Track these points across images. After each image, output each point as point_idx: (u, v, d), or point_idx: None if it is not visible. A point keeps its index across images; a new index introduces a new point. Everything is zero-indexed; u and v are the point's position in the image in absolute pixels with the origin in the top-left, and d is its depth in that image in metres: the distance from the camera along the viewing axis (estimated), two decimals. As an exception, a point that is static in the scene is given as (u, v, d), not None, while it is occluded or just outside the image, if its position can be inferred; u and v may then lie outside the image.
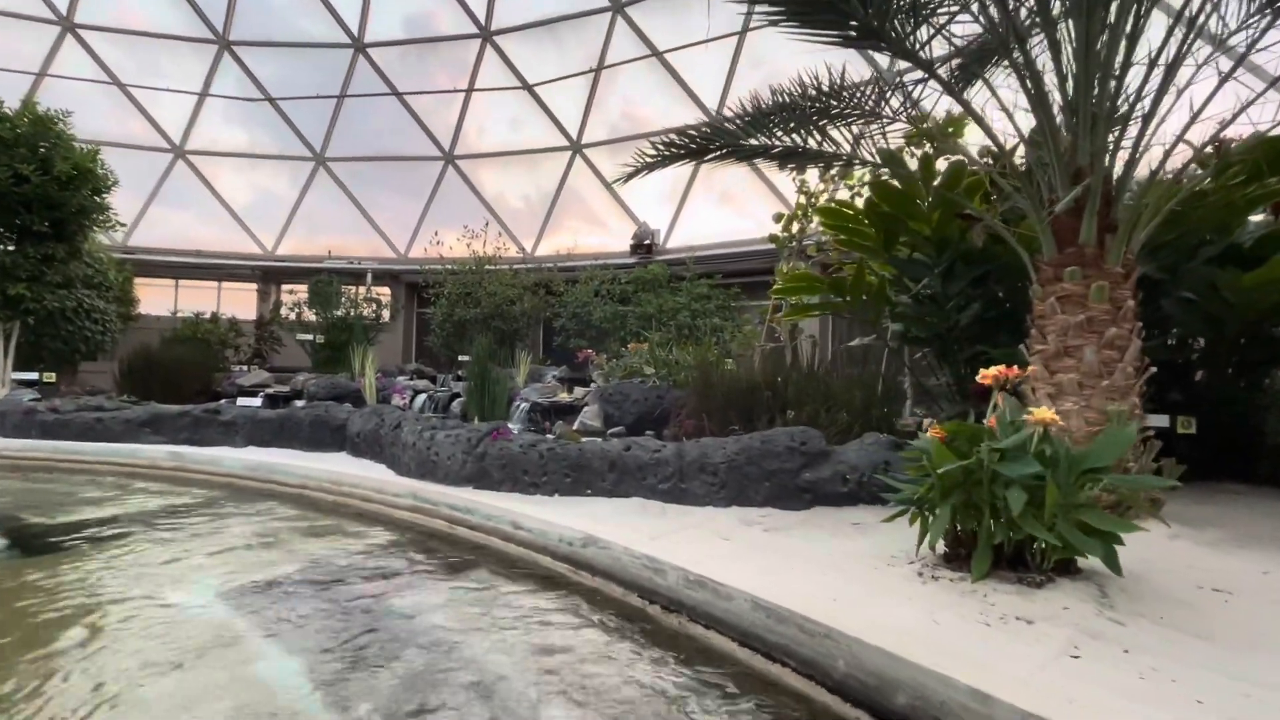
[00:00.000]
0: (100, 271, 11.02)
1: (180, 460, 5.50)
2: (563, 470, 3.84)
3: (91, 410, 6.38)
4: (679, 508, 3.57)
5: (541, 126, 14.76)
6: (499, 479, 3.94)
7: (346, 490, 4.49)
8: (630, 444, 3.84)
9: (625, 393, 5.96)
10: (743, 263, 12.27)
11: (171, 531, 3.59)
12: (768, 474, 3.55)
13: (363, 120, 16.05)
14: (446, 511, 3.76)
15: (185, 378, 9.04)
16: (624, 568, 2.62)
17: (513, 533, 3.29)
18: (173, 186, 15.40)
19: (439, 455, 4.17)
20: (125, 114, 14.67)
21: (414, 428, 4.74)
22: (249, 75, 14.70)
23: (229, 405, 6.55)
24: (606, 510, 3.49)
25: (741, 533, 3.11)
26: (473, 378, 7.45)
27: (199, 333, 11.89)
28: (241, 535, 3.54)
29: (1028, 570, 2.30)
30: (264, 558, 3.13)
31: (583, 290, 11.50)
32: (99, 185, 8.66)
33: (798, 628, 1.91)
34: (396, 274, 15.70)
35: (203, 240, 15.83)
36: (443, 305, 12.20)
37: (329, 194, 15.98)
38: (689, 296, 9.97)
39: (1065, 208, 3.09)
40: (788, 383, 5.11)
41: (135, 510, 4.10)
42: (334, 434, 6.11)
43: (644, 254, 13.09)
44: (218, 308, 14.29)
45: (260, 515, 4.05)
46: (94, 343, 10.72)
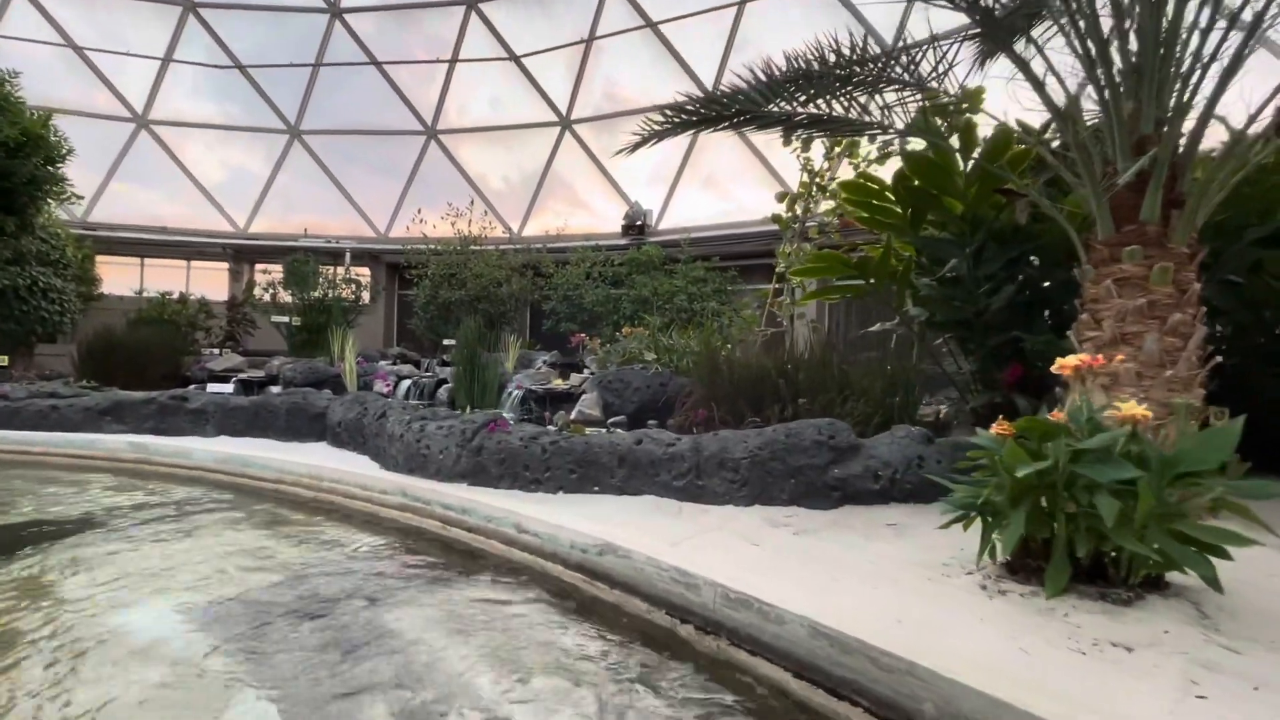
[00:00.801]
0: (57, 248, 10.39)
1: (144, 452, 5.09)
2: (567, 466, 3.53)
3: (45, 397, 5.92)
4: (696, 507, 3.29)
5: (529, 101, 14.24)
6: (497, 475, 3.63)
7: (328, 486, 4.15)
8: (642, 437, 3.55)
9: (626, 380, 5.66)
10: (738, 245, 11.98)
11: (129, 536, 3.23)
12: (793, 470, 3.28)
13: (340, 92, 15.37)
14: (440, 511, 3.45)
15: (151, 362, 8.54)
16: (649, 580, 2.34)
17: (516, 536, 2.99)
18: (137, 159, 14.62)
19: (430, 448, 3.84)
20: (83, 82, 13.85)
21: (401, 417, 4.40)
22: (217, 41, 13.93)
23: (198, 392, 6.13)
24: (617, 510, 3.20)
25: (770, 536, 2.84)
26: (460, 363, 7.08)
27: (166, 313, 11.31)
28: (209, 539, 3.19)
29: (1109, 585, 2.05)
30: (235, 567, 2.79)
31: (573, 272, 11.12)
32: (51, 153, 8.06)
33: (870, 661, 1.64)
34: (376, 254, 15.14)
35: (170, 217, 15.11)
36: (426, 287, 11.75)
37: (304, 169, 15.32)
38: (685, 279, 9.65)
39: (1128, 180, 2.82)
40: (799, 370, 4.86)
41: (89, 510, 3.72)
42: (313, 423, 5.74)
43: (636, 235, 12.72)
44: (187, 288, 13.66)
45: (232, 515, 3.70)
46: (51, 324, 10.13)
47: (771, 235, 11.99)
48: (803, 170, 7.91)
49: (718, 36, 12.19)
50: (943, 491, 3.48)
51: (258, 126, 15.02)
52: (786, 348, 7.89)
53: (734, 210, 12.90)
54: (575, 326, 10.81)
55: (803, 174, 7.90)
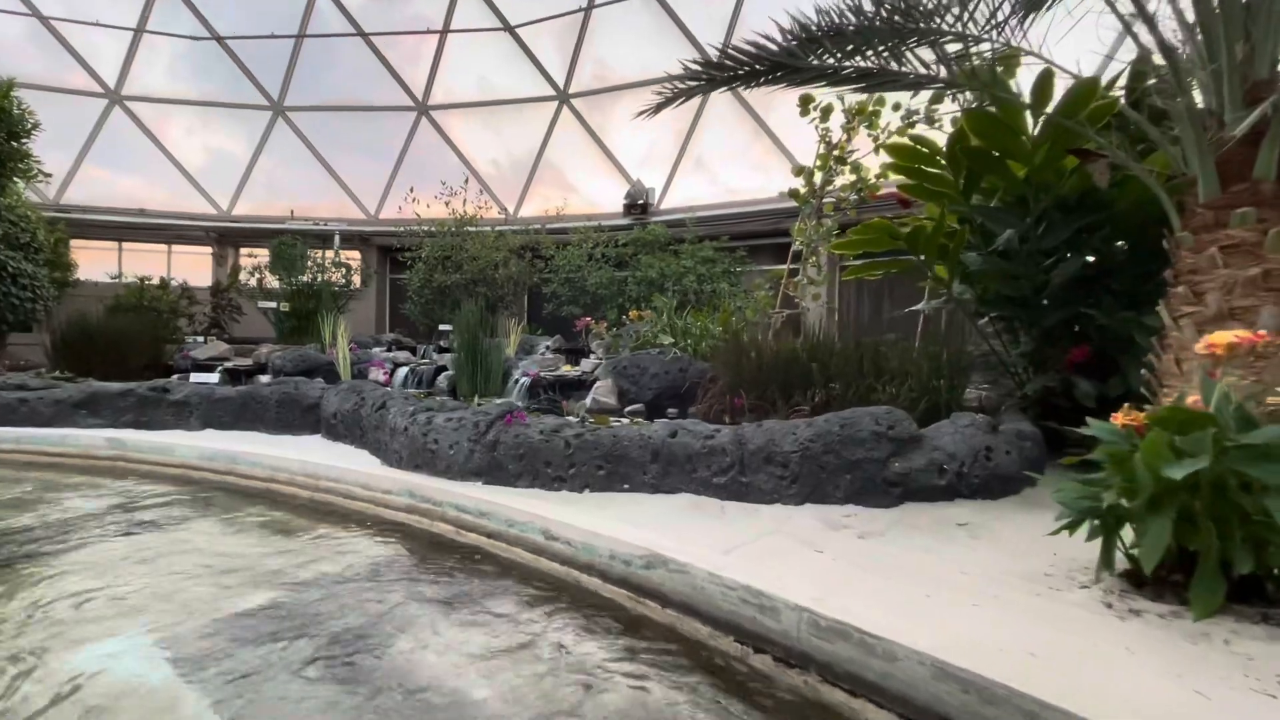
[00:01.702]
0: (27, 230, 9.86)
1: (121, 448, 4.71)
2: (594, 461, 3.19)
3: (12, 389, 5.50)
4: (740, 506, 2.97)
5: (524, 75, 13.69)
6: (515, 472, 3.28)
7: (325, 485, 3.79)
8: (677, 429, 3.21)
9: (642, 365, 5.31)
10: (744, 224, 11.58)
11: (100, 547, 2.87)
12: (849, 464, 2.95)
13: (325, 67, 14.75)
14: (453, 514, 3.10)
15: (130, 351, 8.09)
16: (711, 600, 2.01)
17: (544, 544, 2.65)
18: (111, 138, 13.99)
19: (439, 443, 3.49)
20: (50, 56, 13.17)
21: (404, 409, 4.04)
22: (194, 12, 13.26)
23: (181, 382, 5.73)
24: (653, 511, 2.88)
25: (832, 540, 2.53)
26: (461, 349, 6.71)
27: (145, 299, 10.82)
28: (191, 550, 2.84)
29: (1269, 604, 1.74)
30: (218, 586, 2.44)
31: (575, 253, 10.70)
32: (14, 127, 7.54)
33: (1026, 716, 1.31)
34: (367, 236, 14.63)
35: (149, 199, 14.52)
36: (420, 270, 11.30)
37: (290, 148, 14.73)
38: (694, 260, 9.27)
39: (1241, 132, 2.47)
40: (832, 353, 4.53)
41: (58, 517, 3.35)
42: (305, 414, 5.37)
43: (638, 215, 12.29)
44: (168, 272, 13.13)
45: (218, 520, 3.34)
46: (23, 311, 9.64)
47: (780, 214, 11.61)
48: (820, 142, 7.53)
49: (723, 3, 11.70)
50: (1014, 487, 3.19)
51: (239, 103, 14.40)
52: (805, 330, 7.56)
53: (738, 189, 12.50)
54: (578, 310, 10.42)
55: (820, 145, 7.51)
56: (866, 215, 8.31)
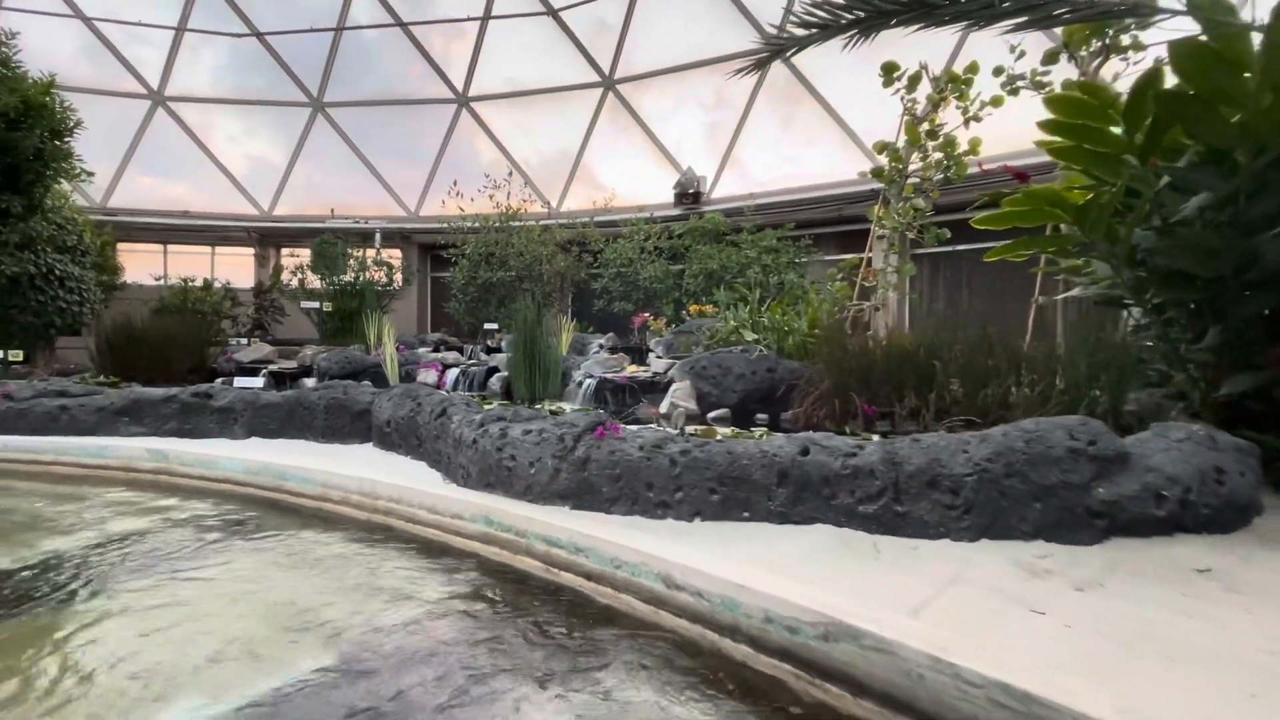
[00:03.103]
0: (74, 233, 9.85)
1: (163, 460, 4.39)
2: (706, 484, 2.66)
3: (54, 396, 5.26)
4: (897, 543, 2.40)
5: (567, 61, 13.25)
6: (609, 496, 2.77)
7: (384, 505, 3.35)
8: (808, 444, 2.65)
9: (725, 365, 4.76)
10: (806, 211, 10.90)
11: (136, 585, 2.46)
12: (1039, 490, 2.36)
13: (364, 61, 14.59)
14: (540, 547, 2.61)
15: (174, 353, 7.92)
16: (939, 698, 1.45)
17: (666, 594, 2.13)
18: (155, 140, 14.08)
19: (517, 459, 3.00)
20: (94, 59, 13.29)
21: (468, 417, 3.58)
22: (233, 7, 13.22)
23: (224, 387, 5.42)
24: (789, 549, 2.34)
25: (1042, 593, 1.95)
26: (517, 348, 6.27)
27: (189, 301, 10.75)
28: (238, 591, 2.41)
29: None
30: (271, 642, 1.99)
31: (626, 246, 10.20)
32: (56, 125, 7.41)
33: None
34: (408, 234, 14.42)
35: (192, 201, 14.59)
36: (464, 267, 10.96)
37: (329, 146, 14.62)
38: (757, 249, 8.66)
39: None
40: (953, 348, 3.93)
41: (93, 541, 2.98)
42: (355, 421, 4.99)
43: (690, 204, 11.72)
44: (211, 274, 13.12)
45: (267, 548, 2.93)
46: (71, 315, 9.63)
47: (844, 199, 10.90)
48: (905, 113, 6.85)
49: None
50: (1245, 517, 2.55)
51: (279, 100, 14.33)
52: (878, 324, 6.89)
53: (796, 175, 11.81)
54: (630, 306, 9.94)
55: (905, 117, 6.83)
56: (949, 196, 7.60)
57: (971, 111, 6.80)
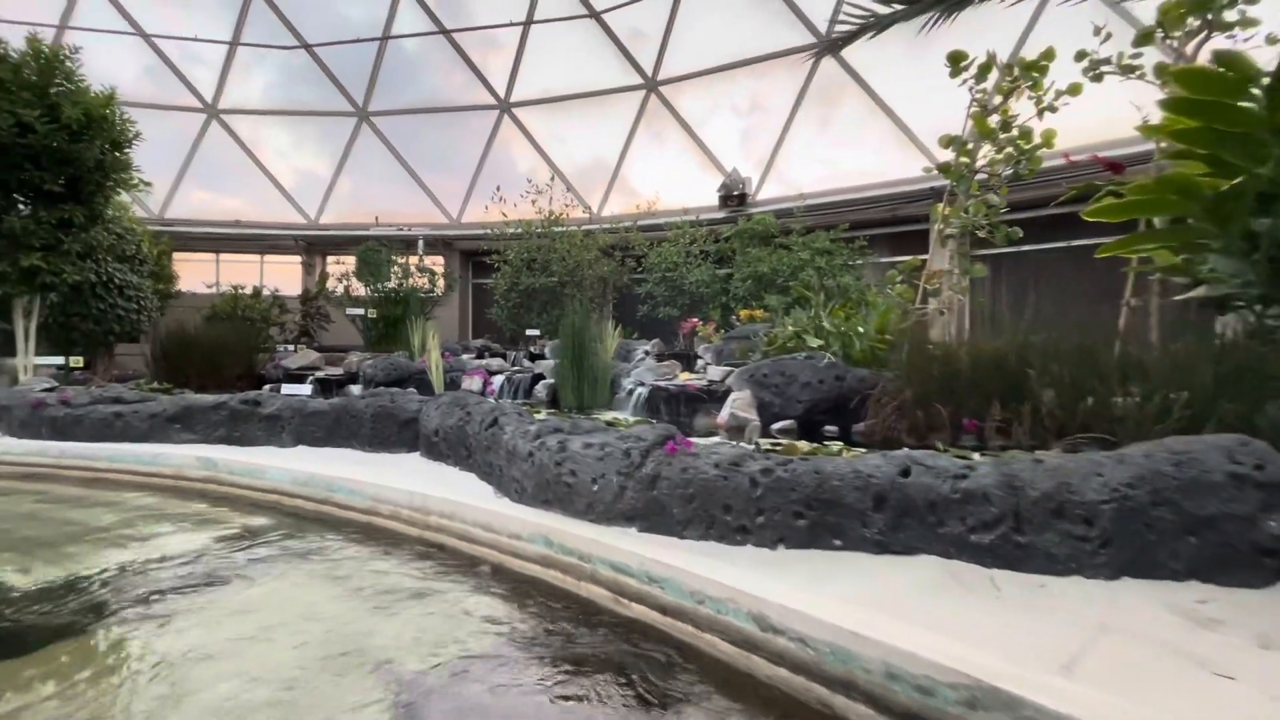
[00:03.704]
0: (133, 243, 10.16)
1: (213, 469, 4.33)
2: (791, 507, 2.40)
3: (109, 403, 5.31)
4: (1019, 579, 2.09)
5: (609, 65, 13.14)
6: (682, 518, 2.53)
7: (436, 522, 3.18)
8: (908, 464, 2.36)
9: (788, 373, 4.48)
10: (859, 212, 10.49)
11: (184, 607, 2.33)
12: (1193, 523, 2.02)
13: (406, 69, 14.79)
14: (607, 574, 2.38)
15: (225, 360, 8.03)
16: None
17: (758, 637, 1.88)
18: (208, 152, 14.53)
19: (578, 475, 2.79)
20: (154, 76, 13.80)
21: (522, 428, 3.39)
22: (281, 19, 13.55)
23: (272, 395, 5.39)
24: (892, 584, 2.06)
25: (1213, 646, 1.65)
26: (564, 355, 6.10)
27: (239, 308, 10.96)
28: (288, 620, 2.25)
29: None
30: (319, 682, 1.80)
31: (670, 250, 9.98)
32: (116, 136, 7.59)
33: None
34: (449, 241, 14.51)
35: (243, 211, 15.00)
36: (506, 273, 10.90)
37: (373, 154, 14.84)
38: (809, 251, 8.33)
39: None
40: (1049, 355, 3.59)
41: (145, 558, 2.89)
42: (402, 430, 4.88)
43: (736, 206, 11.44)
44: (260, 281, 13.42)
45: (316, 567, 2.78)
46: (129, 322, 9.91)
47: (898, 198, 10.46)
48: (974, 104, 6.44)
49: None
50: None
51: (326, 110, 14.63)
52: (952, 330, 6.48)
53: (847, 174, 11.41)
54: (675, 311, 9.70)
55: (973, 108, 6.43)
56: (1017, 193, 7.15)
57: (1046, 101, 6.36)
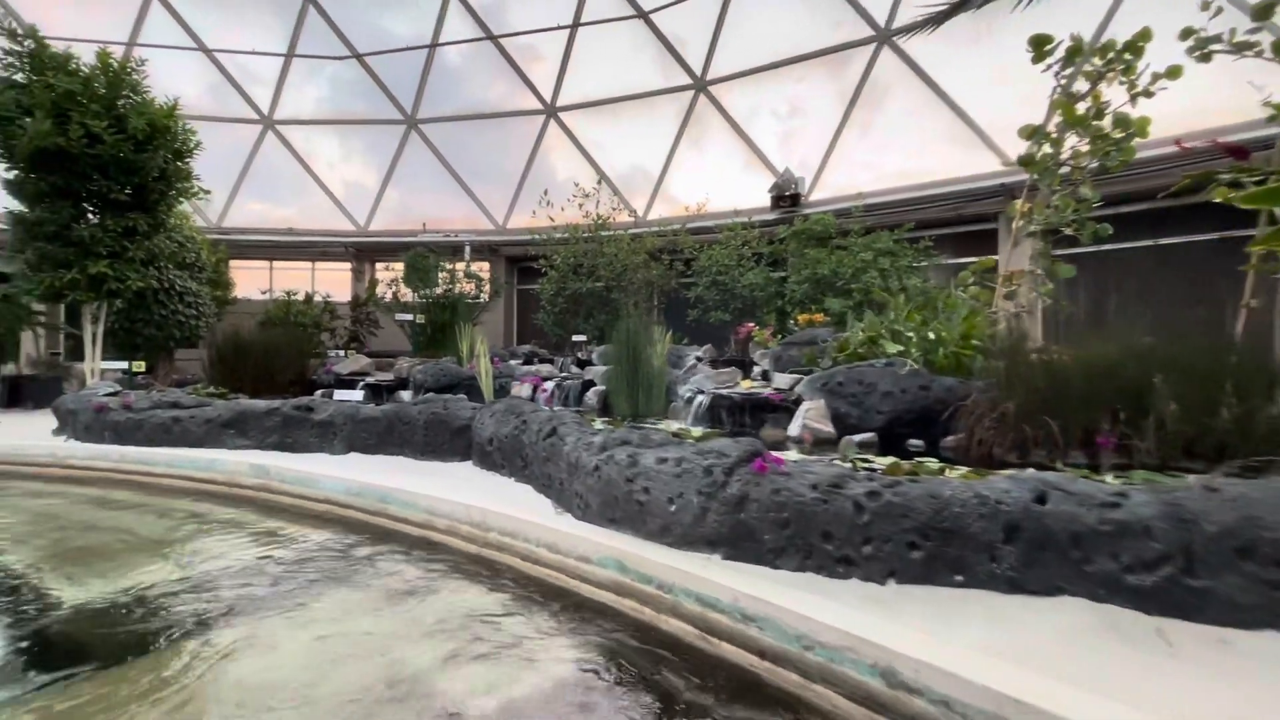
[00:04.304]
0: (193, 251, 10.46)
1: (265, 477, 4.27)
2: (904, 536, 2.10)
3: (167, 408, 5.34)
4: (1191, 630, 1.76)
5: (658, 66, 12.99)
6: (773, 545, 2.26)
7: (495, 539, 2.99)
8: (1044, 489, 2.04)
9: (867, 381, 4.15)
10: (923, 211, 10.01)
11: (239, 630, 2.18)
12: None
13: (452, 77, 14.96)
14: (692, 608, 2.13)
15: (278, 365, 8.10)
16: None
17: (889, 696, 1.60)
18: (263, 162, 14.97)
19: (651, 493, 2.55)
20: (214, 91, 14.30)
21: (584, 438, 3.18)
22: (334, 29, 13.86)
23: (324, 401, 5.34)
24: (1038, 633, 1.75)
25: None
26: (618, 361, 5.89)
27: (292, 314, 11.16)
28: (343, 655, 2.07)
29: None
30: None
31: (721, 253, 9.69)
32: (179, 146, 7.78)
33: None
34: (495, 247, 14.55)
35: (296, 219, 15.39)
36: (553, 278, 10.80)
37: (421, 161, 15.03)
38: (872, 252, 7.93)
39: None
40: (1171, 363, 3.21)
41: (202, 573, 2.78)
42: (455, 438, 4.74)
43: (788, 207, 11.08)
44: (311, 288, 13.70)
45: (375, 585, 2.61)
46: (189, 327, 10.18)
47: (963, 196, 9.93)
48: (1059, 91, 5.99)
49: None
50: None
51: (376, 119, 14.89)
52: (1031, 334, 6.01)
53: (907, 172, 10.92)
54: (726, 316, 9.40)
55: (1059, 96, 5.97)
56: (1104, 187, 6.62)
57: (1140, 86, 5.86)
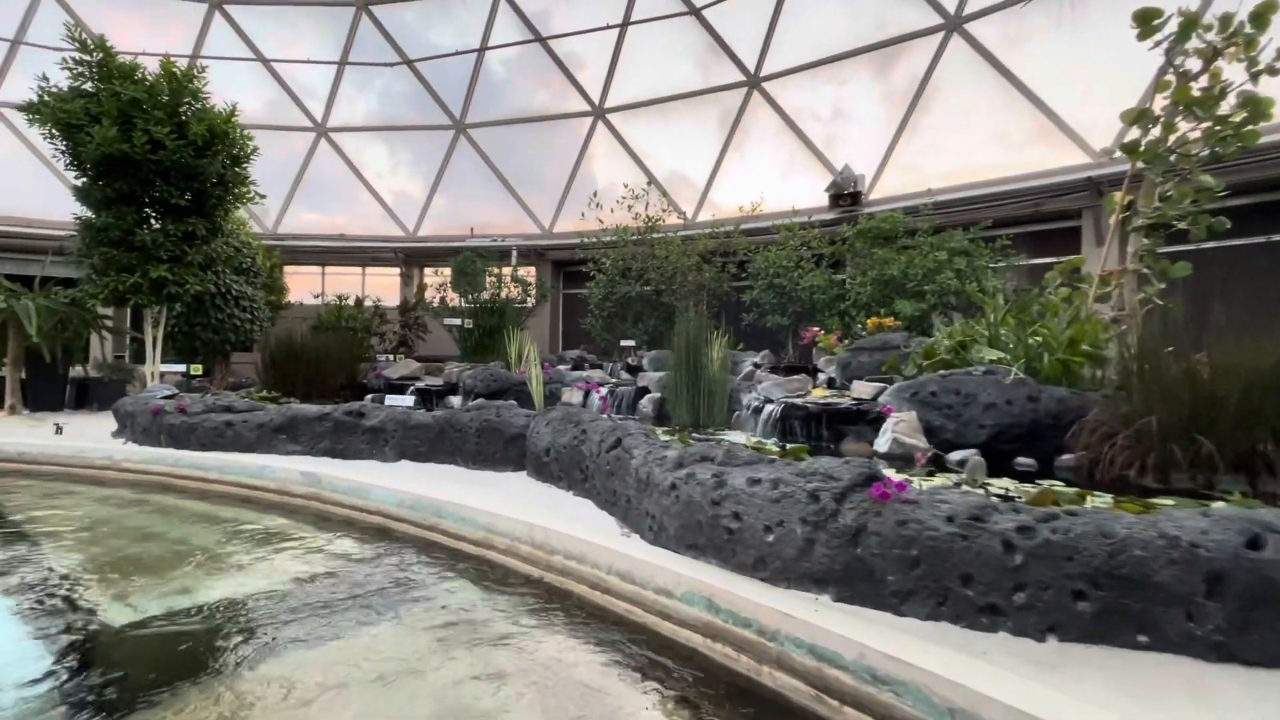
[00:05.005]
0: (249, 256, 10.64)
1: (317, 485, 4.12)
2: (1068, 584, 1.73)
3: (221, 411, 5.29)
4: None
5: (710, 63, 12.69)
6: (899, 588, 1.91)
7: (560, 563, 2.72)
8: (1254, 529, 1.65)
9: (965, 391, 3.73)
10: (996, 208, 9.41)
11: (296, 656, 1.96)
12: None
13: (498, 82, 14.99)
14: (804, 661, 1.80)
15: (329, 369, 8.10)
16: None
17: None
18: (315, 171, 15.29)
19: (744, 519, 2.23)
20: (270, 104, 14.68)
21: (656, 453, 2.89)
22: (385, 36, 14.06)
23: (375, 406, 5.20)
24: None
25: None
26: (677, 368, 5.60)
27: (343, 318, 11.26)
28: (400, 703, 1.81)
29: None
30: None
31: (779, 255, 9.30)
32: (236, 151, 7.87)
33: None
34: (541, 251, 14.47)
35: (345, 225, 15.66)
36: (601, 282, 10.59)
37: (469, 166, 15.11)
38: (947, 252, 7.42)
39: None
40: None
41: (253, 590, 2.61)
42: (508, 446, 4.53)
43: (848, 205, 10.60)
44: (362, 292, 13.88)
45: (427, 620, 2.36)
46: (244, 331, 10.34)
47: (1044, 192, 9.28)
48: (1170, 69, 5.42)
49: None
50: None
51: (425, 124, 15.04)
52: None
53: (978, 167, 10.30)
54: (784, 320, 9.00)
55: (1170, 75, 5.40)
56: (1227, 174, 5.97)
57: (1262, 63, 5.26)
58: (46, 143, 7.55)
